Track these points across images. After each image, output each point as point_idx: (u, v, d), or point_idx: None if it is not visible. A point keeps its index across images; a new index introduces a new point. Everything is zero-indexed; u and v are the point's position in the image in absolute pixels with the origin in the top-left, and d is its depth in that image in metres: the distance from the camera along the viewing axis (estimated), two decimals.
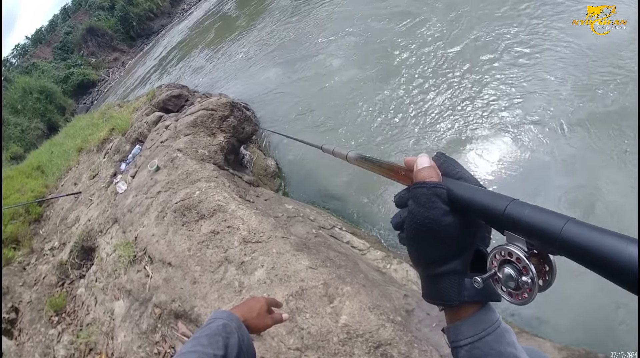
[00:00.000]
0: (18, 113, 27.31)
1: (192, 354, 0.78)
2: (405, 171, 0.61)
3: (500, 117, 3.64)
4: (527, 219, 0.42)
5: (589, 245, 0.35)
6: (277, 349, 1.89)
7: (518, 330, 2.23)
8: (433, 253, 0.54)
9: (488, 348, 0.51)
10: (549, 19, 4.30)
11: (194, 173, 3.52)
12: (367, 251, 2.98)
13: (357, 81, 5.60)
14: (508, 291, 0.48)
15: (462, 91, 4.13)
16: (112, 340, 2.84)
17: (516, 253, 0.44)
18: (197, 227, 2.88)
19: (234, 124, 4.64)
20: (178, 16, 35.08)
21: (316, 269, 2.21)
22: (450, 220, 0.51)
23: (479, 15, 5.05)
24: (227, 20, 14.90)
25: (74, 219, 5.15)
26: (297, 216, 3.22)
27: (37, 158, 10.29)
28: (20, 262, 5.11)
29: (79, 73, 34.45)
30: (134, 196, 3.86)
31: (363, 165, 0.79)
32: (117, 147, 5.97)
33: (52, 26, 48.47)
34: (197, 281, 2.46)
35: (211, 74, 10.49)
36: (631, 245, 0.32)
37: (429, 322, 2.04)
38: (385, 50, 5.80)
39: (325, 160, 4.45)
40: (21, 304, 4.07)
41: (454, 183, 0.53)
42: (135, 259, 3.11)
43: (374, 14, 6.92)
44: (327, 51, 6.95)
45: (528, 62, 3.98)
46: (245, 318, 0.99)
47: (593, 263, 0.35)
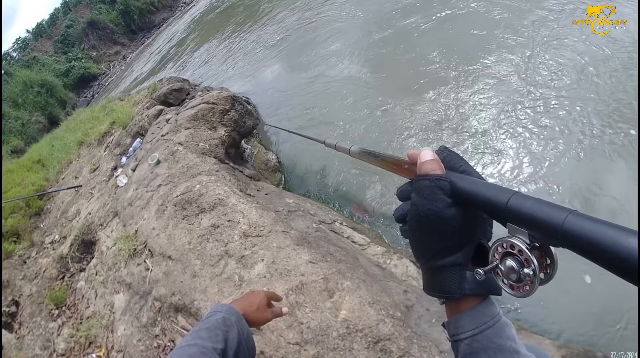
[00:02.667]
0: (19, 107, 27.29)
1: (192, 347, 0.77)
2: (409, 165, 0.61)
3: (501, 113, 3.62)
4: (530, 211, 0.42)
5: (590, 237, 0.35)
6: (276, 343, 1.89)
7: (517, 327, 2.23)
8: (435, 246, 0.54)
9: (488, 341, 0.50)
10: (549, 18, 4.27)
11: (194, 166, 3.52)
12: (367, 246, 2.97)
13: (360, 79, 5.57)
14: (509, 284, 0.48)
15: (463, 88, 4.11)
16: (112, 333, 2.85)
17: (518, 245, 0.45)
18: (197, 221, 2.87)
19: (234, 118, 4.63)
20: (180, 9, 34.93)
21: (316, 263, 2.20)
22: (453, 213, 0.51)
23: (477, 14, 5.03)
24: (229, 15, 14.82)
25: (74, 212, 5.16)
26: (297, 210, 3.21)
27: (37, 152, 10.32)
28: (21, 255, 5.12)
29: (79, 67, 34.36)
30: (134, 190, 3.86)
31: (366, 159, 0.79)
32: (117, 140, 5.96)
33: (53, 19, 48.36)
34: (197, 275, 2.46)
35: (212, 68, 10.45)
36: (632, 236, 0.33)
37: (429, 317, 2.04)
38: (389, 47, 5.77)
39: (326, 155, 4.44)
40: (21, 297, 4.08)
41: (457, 176, 0.53)
42: (135, 252, 3.11)
43: (380, 10, 6.88)
44: (331, 46, 6.90)
45: (527, 61, 3.95)
46: (244, 311, 0.98)
47: (595, 255, 0.35)
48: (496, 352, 0.49)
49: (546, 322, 2.34)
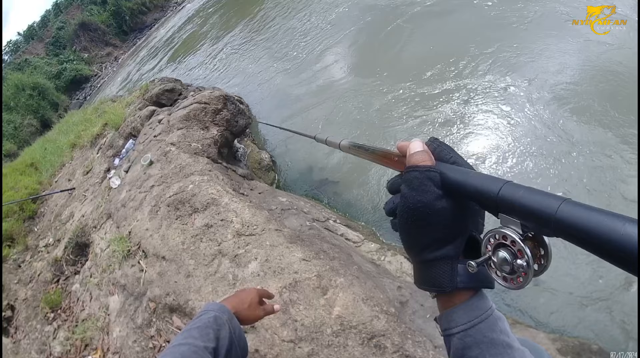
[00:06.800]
0: (11, 110, 27.10)
1: (183, 346, 0.78)
2: (399, 157, 0.60)
3: (496, 106, 3.63)
4: (522, 200, 0.41)
5: (585, 225, 0.35)
6: (270, 341, 1.89)
7: (511, 321, 2.24)
8: (425, 239, 0.53)
9: (481, 335, 0.50)
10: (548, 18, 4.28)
11: (187, 166, 3.50)
12: (361, 243, 2.98)
13: (352, 75, 5.59)
14: (503, 276, 0.47)
15: (457, 82, 4.12)
16: (108, 335, 2.84)
17: (511, 235, 0.44)
18: (190, 221, 2.86)
19: (227, 117, 4.61)
20: (171, 10, 34.78)
21: (309, 261, 2.20)
22: (443, 204, 0.50)
23: (475, 14, 5.03)
24: (221, 14, 14.78)
25: (68, 215, 5.13)
26: (291, 208, 3.21)
27: (30, 155, 10.26)
28: (15, 260, 5.09)
29: (71, 69, 34.18)
30: (127, 191, 3.84)
31: (356, 153, 0.79)
32: (110, 142, 5.92)
33: (44, 22, 48.02)
34: (191, 275, 2.45)
35: (205, 68, 10.43)
36: (628, 223, 0.32)
37: (423, 313, 2.05)
38: (381, 45, 5.79)
39: (319, 153, 4.45)
40: (17, 301, 4.06)
41: (447, 167, 0.52)
42: (129, 254, 3.10)
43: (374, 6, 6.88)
44: (324, 45, 6.91)
45: (526, 57, 3.96)
46: (236, 309, 0.99)
47: (590, 244, 0.35)
48: (489, 346, 0.49)
49: (540, 314, 2.35)
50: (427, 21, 5.47)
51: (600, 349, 1.97)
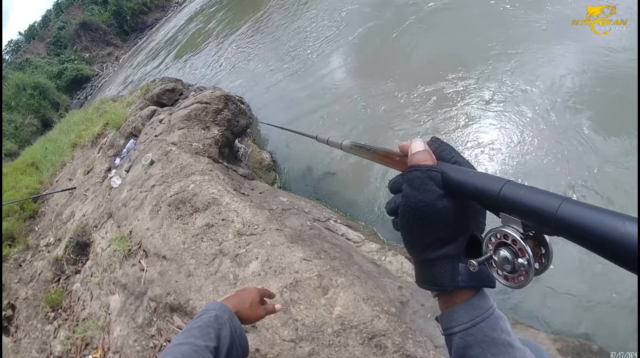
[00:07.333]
0: (12, 110, 27.12)
1: (184, 346, 0.78)
2: (400, 157, 0.60)
3: (497, 107, 3.63)
4: (523, 199, 0.41)
5: (585, 224, 0.35)
6: (271, 340, 1.89)
7: (512, 320, 2.24)
8: (427, 238, 0.54)
9: (482, 334, 0.50)
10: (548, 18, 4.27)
11: (188, 166, 3.51)
12: (362, 243, 2.98)
13: (354, 76, 5.58)
14: (504, 275, 0.47)
15: (458, 83, 4.11)
16: (108, 334, 2.84)
17: (512, 235, 0.44)
18: (191, 220, 2.87)
19: (228, 117, 4.61)
20: (172, 10, 34.79)
21: (310, 261, 2.20)
22: (445, 204, 0.50)
23: (474, 13, 5.02)
24: (222, 14, 14.77)
25: (69, 214, 5.13)
26: (291, 208, 3.21)
27: (31, 155, 10.28)
28: (16, 259, 5.10)
29: (72, 68, 34.22)
30: (128, 191, 3.84)
31: (358, 153, 0.79)
32: (111, 142, 5.93)
33: (45, 21, 48.07)
34: (192, 275, 2.45)
35: (206, 68, 10.42)
36: (628, 222, 0.32)
37: (424, 313, 2.05)
38: (383, 44, 5.77)
39: (320, 153, 4.44)
40: (17, 301, 4.06)
41: (449, 167, 0.52)
42: (130, 253, 3.10)
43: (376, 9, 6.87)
44: (325, 44, 6.90)
45: (526, 57, 3.95)
46: (237, 309, 0.99)
47: (590, 242, 0.35)
48: (490, 345, 0.49)
49: (541, 315, 2.35)
50: (440, 19, 5.40)
51: (601, 349, 1.97)
